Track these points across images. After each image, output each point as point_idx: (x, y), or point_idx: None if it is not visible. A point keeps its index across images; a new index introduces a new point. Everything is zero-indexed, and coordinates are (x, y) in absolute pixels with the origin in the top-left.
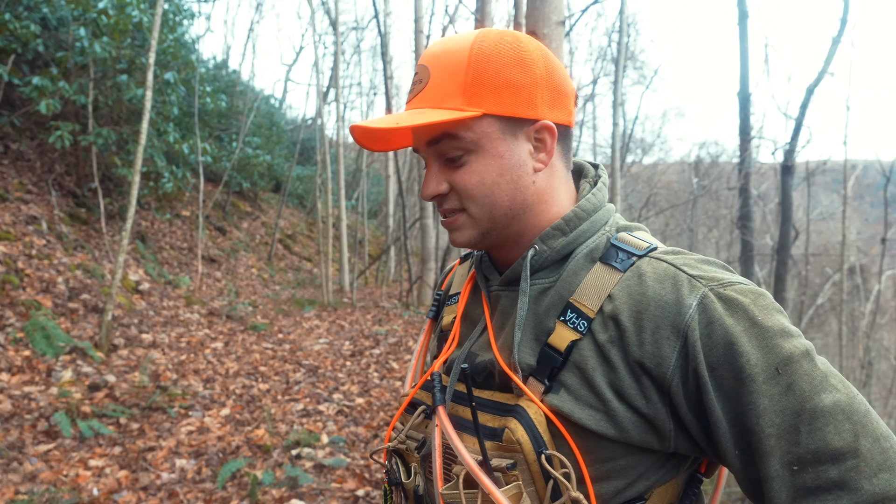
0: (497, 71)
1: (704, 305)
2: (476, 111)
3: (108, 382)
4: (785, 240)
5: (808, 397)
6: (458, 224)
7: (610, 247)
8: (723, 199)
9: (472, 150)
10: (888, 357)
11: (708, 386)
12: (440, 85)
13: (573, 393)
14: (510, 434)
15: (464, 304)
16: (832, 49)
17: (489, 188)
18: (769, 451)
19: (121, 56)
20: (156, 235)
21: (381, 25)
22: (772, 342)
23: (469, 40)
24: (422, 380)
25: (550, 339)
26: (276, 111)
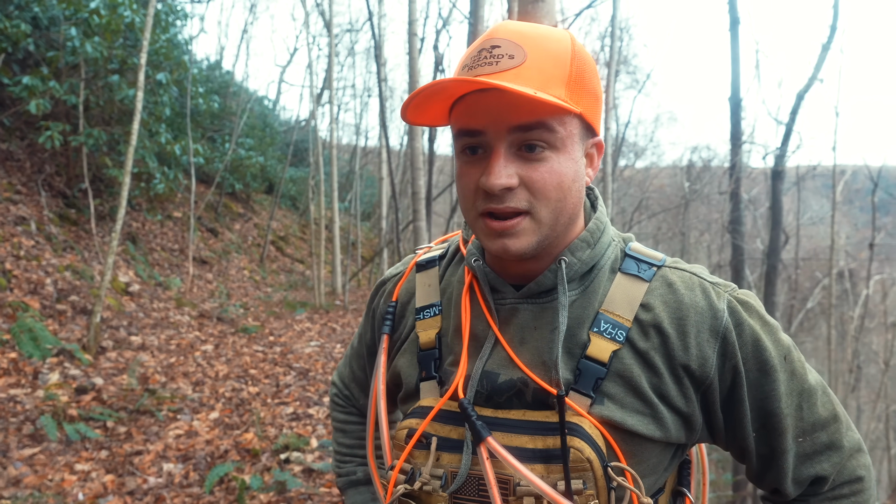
0: (590, 76)
1: (732, 309)
2: (578, 108)
3: (96, 385)
4: (775, 244)
5: (803, 379)
6: (521, 229)
7: (626, 257)
8: (714, 203)
9: (558, 147)
10: (877, 361)
11: (742, 379)
12: (543, 68)
13: (619, 401)
14: (579, 454)
15: (469, 319)
16: (822, 55)
17: (564, 192)
18: (786, 429)
19: (112, 56)
20: (146, 237)
21: (376, 28)
22: (777, 336)
23: (566, 35)
24: (435, 409)
25: (589, 350)
26: (270, 112)
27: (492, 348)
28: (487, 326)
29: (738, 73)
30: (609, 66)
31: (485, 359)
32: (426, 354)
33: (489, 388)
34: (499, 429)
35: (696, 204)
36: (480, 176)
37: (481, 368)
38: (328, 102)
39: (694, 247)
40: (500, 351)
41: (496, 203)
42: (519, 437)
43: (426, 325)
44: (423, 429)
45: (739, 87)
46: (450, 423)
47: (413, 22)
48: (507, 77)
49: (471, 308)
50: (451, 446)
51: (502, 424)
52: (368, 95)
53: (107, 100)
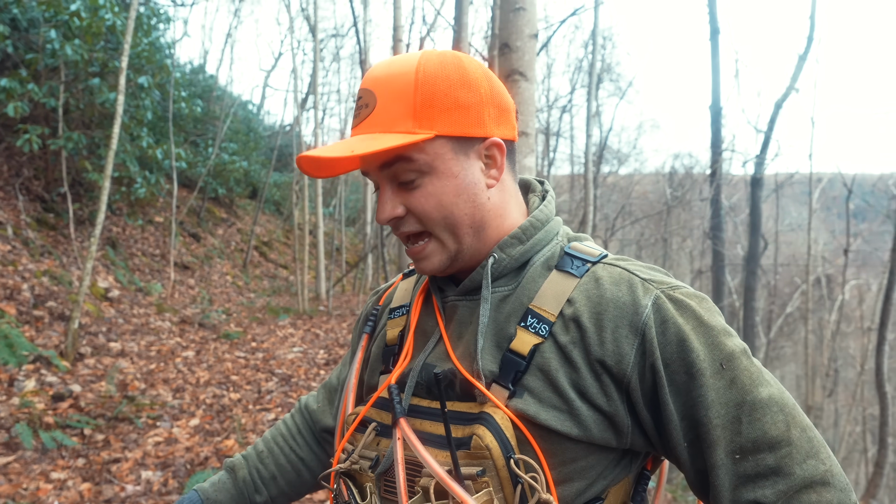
0: (445, 92)
1: (658, 306)
2: (428, 133)
3: (73, 392)
4: (754, 250)
5: (748, 390)
6: (427, 252)
7: (564, 255)
8: (696, 209)
9: (427, 171)
10: (854, 365)
11: (663, 380)
12: (388, 109)
13: (537, 395)
14: (479, 440)
15: (417, 317)
16: (798, 66)
17: (448, 209)
18: (715, 441)
19: (93, 59)
20: (127, 241)
21: (361, 33)
22: (716, 339)
23: (413, 62)
24: (374, 396)
25: (513, 344)
26: (254, 117)
27: (435, 343)
28: (436, 323)
29: (718, 82)
30: (590, 75)
31: (427, 353)
32: (387, 350)
33: (427, 379)
34: (428, 417)
35: (679, 210)
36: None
37: (423, 361)
38: (313, 107)
39: (676, 253)
40: (442, 345)
41: (396, 230)
42: (440, 424)
43: (394, 323)
44: (363, 413)
45: (720, 95)
46: (386, 410)
47: (398, 28)
48: (363, 127)
49: (424, 306)
50: (390, 433)
51: (431, 414)
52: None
53: (87, 103)
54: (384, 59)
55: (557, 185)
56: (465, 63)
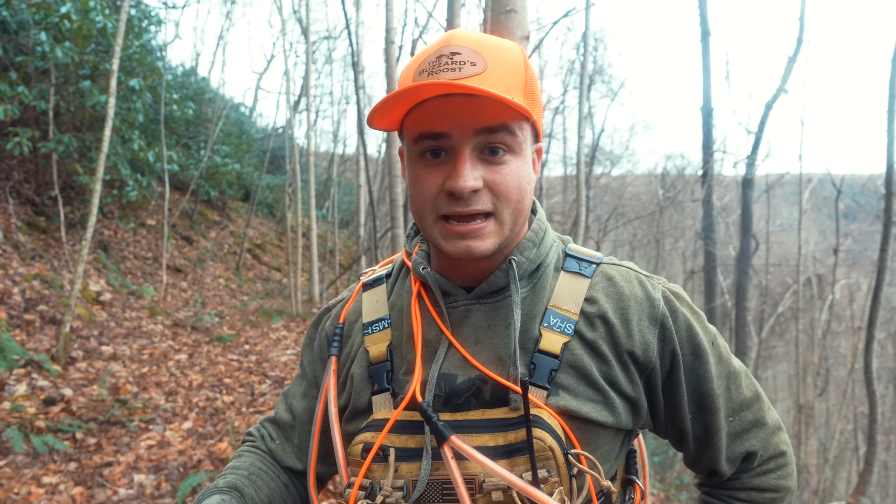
0: (536, 86)
1: (666, 298)
2: (534, 114)
3: (65, 396)
4: (746, 250)
5: (728, 363)
6: (486, 231)
7: (567, 257)
8: (688, 210)
9: (516, 150)
10: (845, 364)
11: (679, 362)
12: (504, 76)
13: (573, 391)
14: (542, 443)
15: (420, 326)
16: (788, 67)
17: (522, 193)
18: (718, 408)
19: (84, 61)
20: (119, 245)
21: (353, 35)
22: (704, 323)
23: (516, 46)
24: (393, 417)
25: (542, 345)
26: (246, 119)
27: (446, 352)
28: (440, 331)
29: (709, 83)
30: (581, 77)
31: (440, 362)
32: (377, 368)
33: (447, 391)
34: (458, 431)
35: (671, 211)
36: (444, 179)
37: (437, 372)
38: (305, 110)
39: (669, 253)
40: (455, 353)
41: (461, 206)
42: (480, 436)
43: (375, 339)
44: (380, 441)
45: (711, 97)
46: (406, 433)
47: (390, 30)
48: (473, 82)
49: (421, 315)
50: (410, 455)
51: (461, 426)
52: (346, 103)
53: (78, 106)
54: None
55: (550, 187)
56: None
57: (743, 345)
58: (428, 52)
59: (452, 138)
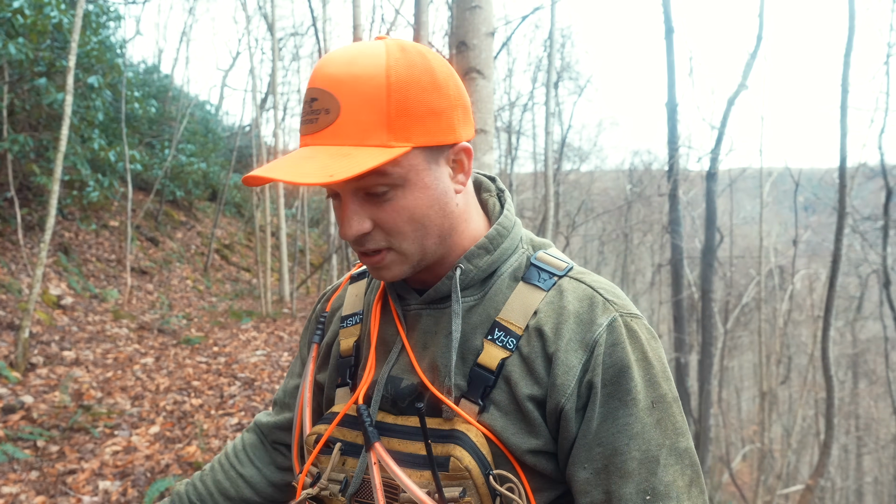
0: (418, 99)
1: (612, 327)
2: (405, 146)
3: (25, 404)
4: (710, 243)
5: (671, 436)
6: (387, 262)
7: (531, 266)
8: (655, 204)
9: (400, 184)
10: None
11: (596, 399)
12: (357, 118)
13: (503, 409)
14: (457, 462)
15: (377, 326)
16: (749, 63)
17: (420, 222)
18: (630, 474)
19: (39, 58)
20: (80, 247)
21: (320, 32)
22: (655, 379)
23: (380, 63)
24: (339, 415)
25: (480, 358)
26: (212, 117)
27: (398, 354)
28: (396, 332)
29: (673, 80)
30: (548, 73)
31: (391, 364)
32: (343, 362)
33: (393, 393)
34: (397, 435)
35: (638, 206)
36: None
37: (387, 374)
38: (272, 107)
39: (637, 247)
40: (406, 356)
41: (358, 247)
42: (414, 444)
43: (347, 333)
44: (328, 434)
45: (675, 93)
46: (355, 429)
47: (358, 27)
48: (324, 137)
49: (382, 315)
50: (356, 451)
51: (400, 431)
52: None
53: (33, 104)
54: (339, 52)
55: (520, 183)
56: (431, 62)
57: (709, 335)
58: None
59: (331, 187)
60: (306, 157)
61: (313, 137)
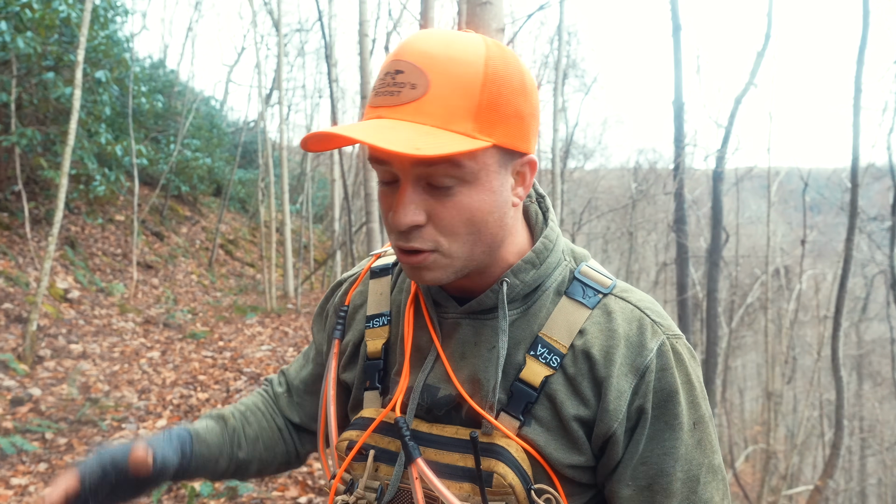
0: (508, 98)
1: (662, 352)
2: (488, 141)
3: (33, 396)
4: (716, 242)
5: (708, 454)
6: (430, 263)
7: (574, 281)
8: (660, 203)
9: (468, 181)
10: (812, 352)
11: (646, 423)
12: (447, 100)
13: (545, 425)
14: (501, 479)
15: (412, 332)
16: (757, 62)
17: (476, 225)
18: (674, 493)
19: (47, 52)
20: (87, 241)
21: (326, 28)
22: (696, 401)
23: (480, 51)
24: (376, 422)
25: (522, 374)
26: (217, 113)
27: (433, 362)
28: (430, 339)
29: (680, 78)
30: (556, 70)
31: (427, 372)
32: (371, 364)
33: (429, 402)
34: (433, 445)
35: (643, 204)
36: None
37: (423, 382)
38: (277, 103)
39: (641, 246)
40: (441, 365)
41: (403, 241)
42: (451, 454)
43: (374, 334)
44: (361, 442)
45: (682, 91)
46: (388, 435)
47: (364, 23)
48: (406, 112)
49: (415, 320)
50: (390, 458)
51: (437, 442)
52: (319, 96)
53: (41, 98)
54: (433, 31)
55: None
56: (522, 67)
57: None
58: (384, 64)
59: (393, 166)
60: (386, 126)
61: (391, 110)
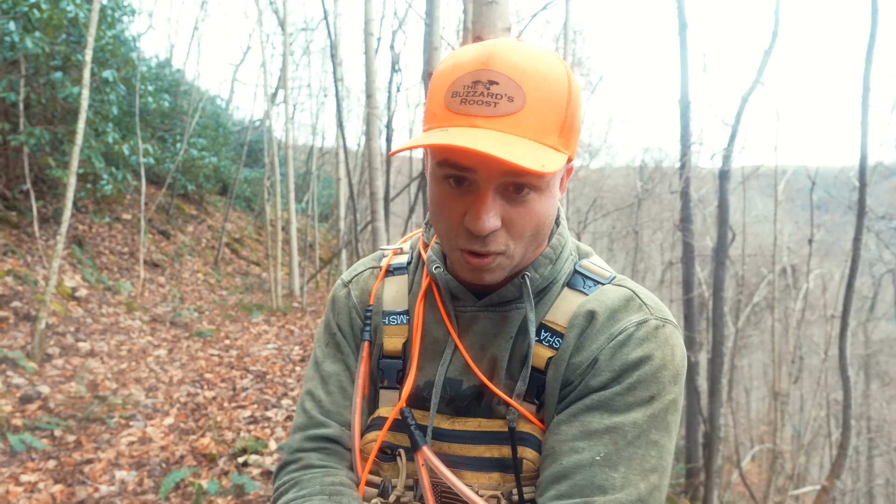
0: (577, 114)
1: (641, 326)
2: (567, 153)
3: (42, 394)
4: (723, 241)
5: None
6: (497, 265)
7: (575, 273)
8: (666, 202)
9: (542, 189)
10: (819, 352)
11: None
12: (540, 115)
13: (549, 403)
14: (530, 464)
15: (421, 326)
16: (764, 60)
17: (539, 228)
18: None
19: (55, 52)
20: (94, 240)
21: (331, 27)
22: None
23: (563, 70)
24: (389, 420)
25: (533, 361)
26: (223, 112)
27: (452, 354)
28: (447, 333)
29: (686, 76)
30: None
31: (446, 365)
32: (389, 363)
33: (452, 394)
34: (459, 441)
35: (649, 203)
36: (465, 212)
37: (444, 375)
38: (283, 102)
39: (647, 245)
40: (460, 357)
41: (478, 245)
42: (477, 447)
43: (392, 331)
44: (381, 440)
45: (688, 89)
46: (404, 432)
47: (369, 21)
48: (505, 124)
49: (431, 314)
50: (411, 456)
51: (462, 437)
52: (325, 95)
53: (49, 97)
54: (515, 44)
55: None
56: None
57: (720, 334)
58: (466, 68)
59: (478, 174)
60: (499, 140)
61: (489, 120)
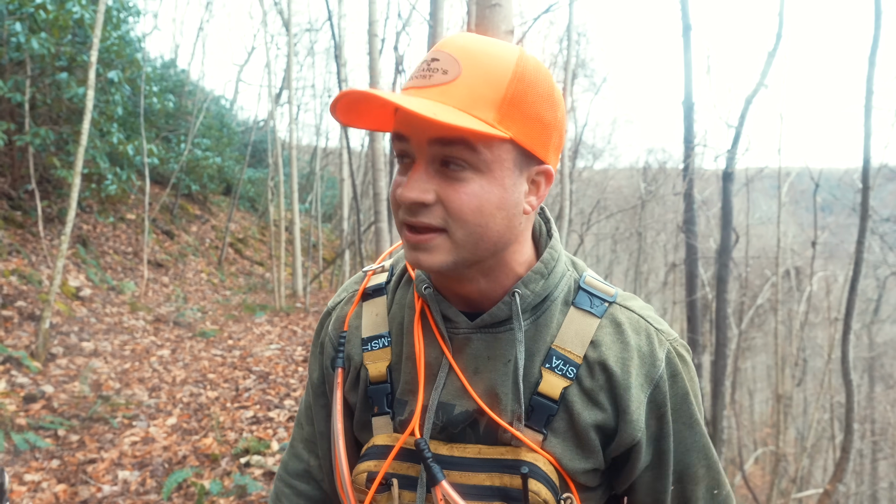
0: (533, 100)
1: (669, 359)
2: (506, 133)
3: (46, 393)
4: (726, 243)
5: (705, 431)
6: (434, 245)
7: (580, 291)
8: (669, 203)
9: (481, 170)
10: (822, 354)
11: (669, 429)
12: (473, 87)
13: (561, 435)
14: (535, 496)
15: (423, 349)
16: (768, 62)
17: (485, 217)
18: (700, 479)
19: (60, 53)
20: (98, 239)
21: (335, 28)
22: (697, 391)
23: (513, 54)
24: (395, 448)
25: (541, 387)
26: (227, 112)
27: (445, 378)
28: (441, 354)
29: (690, 78)
30: (565, 70)
31: (440, 389)
32: (377, 389)
33: (444, 420)
34: (457, 468)
35: (652, 204)
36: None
37: (437, 400)
38: (287, 102)
39: (650, 246)
40: (455, 381)
41: (410, 216)
42: (477, 475)
43: (375, 356)
44: (384, 471)
45: (692, 91)
46: (407, 461)
47: (373, 23)
48: (433, 93)
49: (424, 336)
50: (410, 484)
51: (461, 464)
52: (329, 96)
53: (55, 98)
54: (472, 35)
55: None
56: (552, 81)
57: (723, 336)
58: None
59: (412, 143)
60: (420, 104)
61: (419, 91)
